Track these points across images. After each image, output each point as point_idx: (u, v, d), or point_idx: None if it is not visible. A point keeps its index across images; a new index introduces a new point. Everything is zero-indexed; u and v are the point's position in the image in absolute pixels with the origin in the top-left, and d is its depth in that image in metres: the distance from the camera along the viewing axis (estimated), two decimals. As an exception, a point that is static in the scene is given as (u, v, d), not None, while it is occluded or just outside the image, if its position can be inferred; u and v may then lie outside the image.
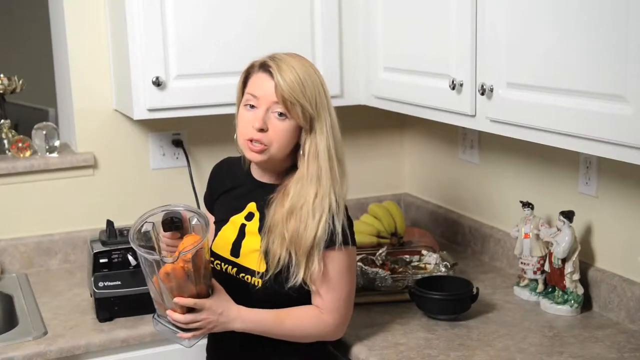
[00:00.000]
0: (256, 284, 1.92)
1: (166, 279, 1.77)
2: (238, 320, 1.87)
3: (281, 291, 1.90)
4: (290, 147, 1.91)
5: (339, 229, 1.87)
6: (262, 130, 1.87)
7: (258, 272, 1.91)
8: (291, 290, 1.89)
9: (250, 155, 1.91)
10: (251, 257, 1.94)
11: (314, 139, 1.88)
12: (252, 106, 1.89)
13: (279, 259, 1.87)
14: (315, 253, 1.85)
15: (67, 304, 2.38)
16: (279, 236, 1.87)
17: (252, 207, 1.98)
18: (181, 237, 1.82)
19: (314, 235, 1.84)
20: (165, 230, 1.83)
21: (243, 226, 1.98)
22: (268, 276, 1.90)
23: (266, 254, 1.90)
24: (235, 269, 1.96)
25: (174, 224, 1.82)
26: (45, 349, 2.10)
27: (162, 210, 1.82)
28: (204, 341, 2.14)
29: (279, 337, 1.91)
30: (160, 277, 1.77)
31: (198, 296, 1.80)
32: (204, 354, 2.12)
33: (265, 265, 1.91)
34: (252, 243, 1.95)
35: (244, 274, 1.94)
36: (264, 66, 1.89)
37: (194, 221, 1.83)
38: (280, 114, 1.87)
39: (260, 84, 1.88)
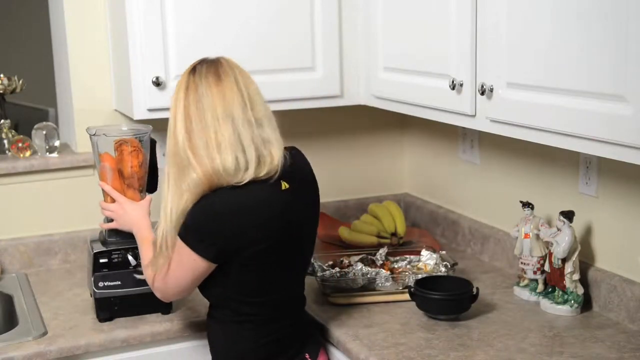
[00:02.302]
0: None
1: (104, 166, 2.22)
2: (135, 228, 2.13)
3: None
4: None
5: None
6: None
7: None
8: None
9: None
10: None
11: None
12: None
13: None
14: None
15: (67, 304, 2.38)
16: None
17: None
18: None
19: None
20: None
21: None
22: None
23: None
24: None
25: None
26: (45, 349, 2.10)
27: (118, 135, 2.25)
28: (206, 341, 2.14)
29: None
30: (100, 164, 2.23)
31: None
32: (207, 355, 2.12)
33: None
34: None
35: None
36: None
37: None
38: None
39: None
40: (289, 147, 2.00)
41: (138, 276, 2.18)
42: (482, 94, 2.02)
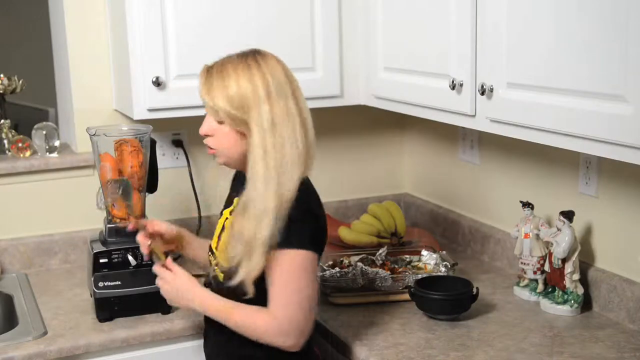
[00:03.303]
0: (221, 278, 1.92)
1: (104, 165, 2.23)
2: (197, 302, 1.93)
3: (239, 289, 1.86)
4: (238, 148, 1.88)
5: (280, 229, 1.80)
6: (207, 135, 1.91)
7: (221, 266, 1.91)
8: (242, 288, 1.85)
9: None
10: (223, 251, 1.94)
11: (251, 140, 1.83)
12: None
13: (231, 255, 1.86)
14: (260, 252, 1.80)
15: (67, 304, 2.38)
16: (235, 232, 1.86)
17: (236, 201, 1.99)
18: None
19: (255, 234, 1.79)
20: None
21: (226, 220, 1.99)
22: (224, 270, 1.89)
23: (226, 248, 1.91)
24: (215, 261, 1.97)
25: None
26: (45, 349, 2.10)
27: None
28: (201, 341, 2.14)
29: (230, 326, 1.89)
30: None
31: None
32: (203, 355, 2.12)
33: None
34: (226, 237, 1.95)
35: (217, 267, 1.95)
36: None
37: None
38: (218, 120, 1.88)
39: None
40: None
41: None
42: (482, 94, 2.02)
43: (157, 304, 2.26)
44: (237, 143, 1.87)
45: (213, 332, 2.03)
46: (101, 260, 2.23)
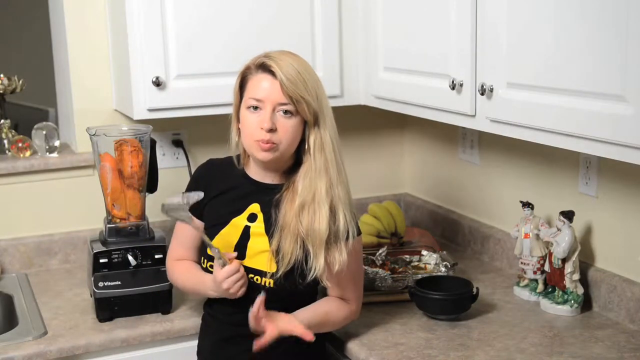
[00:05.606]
0: (267, 284, 1.94)
1: (104, 165, 2.23)
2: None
3: (291, 289, 1.94)
4: (297, 142, 1.95)
5: (351, 219, 1.93)
6: (271, 130, 1.89)
7: (269, 273, 1.93)
8: (305, 286, 1.94)
9: (261, 156, 1.93)
10: (259, 258, 1.94)
11: (318, 132, 1.92)
12: (256, 107, 1.90)
13: (291, 257, 1.90)
14: (340, 244, 1.90)
15: (67, 304, 2.38)
16: (291, 234, 1.91)
17: (254, 208, 1.98)
18: None
19: (327, 226, 1.89)
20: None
21: (247, 228, 1.98)
22: (279, 275, 1.93)
23: (277, 253, 1.92)
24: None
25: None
26: (45, 349, 2.10)
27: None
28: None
29: (320, 331, 1.99)
30: None
31: None
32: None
33: (275, 265, 1.93)
34: (259, 244, 1.96)
35: (252, 275, 1.95)
36: (262, 66, 1.91)
37: None
38: (286, 112, 1.90)
39: (261, 85, 1.90)
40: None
41: None
42: (482, 94, 2.02)
43: (157, 304, 2.26)
44: (299, 135, 1.93)
45: None
46: (101, 260, 2.23)
